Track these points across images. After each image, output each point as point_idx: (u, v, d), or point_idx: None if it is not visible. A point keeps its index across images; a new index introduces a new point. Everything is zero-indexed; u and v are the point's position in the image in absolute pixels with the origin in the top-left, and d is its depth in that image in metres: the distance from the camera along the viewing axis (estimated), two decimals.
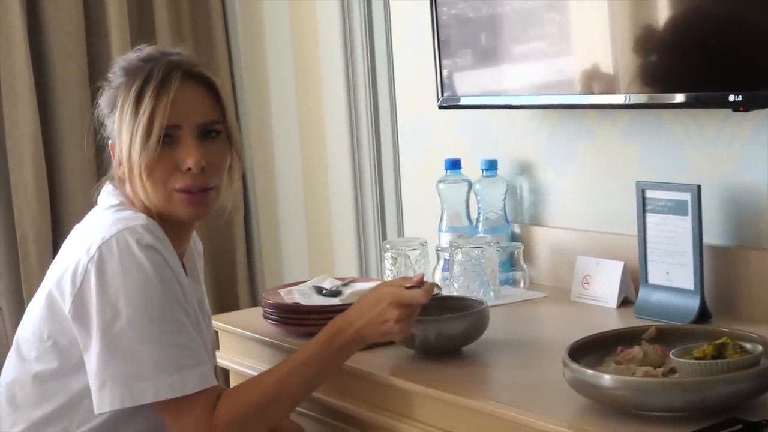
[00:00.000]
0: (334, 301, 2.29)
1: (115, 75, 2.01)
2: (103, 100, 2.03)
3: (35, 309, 1.97)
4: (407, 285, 1.94)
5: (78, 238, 1.97)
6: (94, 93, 3.38)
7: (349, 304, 2.23)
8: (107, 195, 2.04)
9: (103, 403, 1.85)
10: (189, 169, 1.95)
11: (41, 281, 3.25)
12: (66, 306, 1.88)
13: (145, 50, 2.03)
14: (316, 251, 3.41)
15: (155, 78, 1.95)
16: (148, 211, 1.96)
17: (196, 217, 2.01)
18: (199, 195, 1.98)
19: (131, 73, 1.98)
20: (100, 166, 3.45)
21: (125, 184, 1.99)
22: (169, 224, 1.97)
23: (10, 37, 3.28)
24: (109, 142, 2.04)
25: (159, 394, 1.83)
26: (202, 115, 1.98)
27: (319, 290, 2.36)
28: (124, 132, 1.95)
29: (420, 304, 1.93)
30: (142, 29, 3.56)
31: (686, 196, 2.14)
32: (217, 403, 1.86)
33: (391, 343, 2.05)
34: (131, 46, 3.42)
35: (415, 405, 1.92)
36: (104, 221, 1.93)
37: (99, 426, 1.92)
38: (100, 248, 1.86)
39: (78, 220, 3.35)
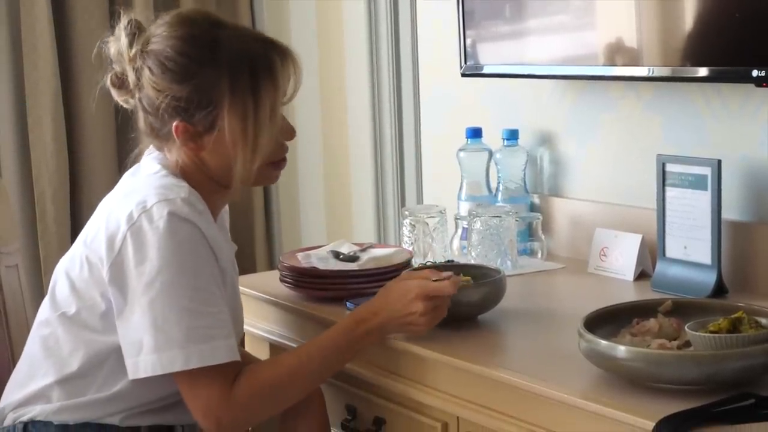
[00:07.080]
0: (351, 266, 2.29)
1: None
2: None
3: (74, 263, 1.95)
4: (434, 278, 1.93)
5: (120, 199, 1.95)
6: None
7: (366, 270, 2.25)
8: (152, 159, 2.00)
9: (137, 369, 1.84)
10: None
11: (57, 239, 3.34)
12: (104, 270, 1.87)
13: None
14: (334, 216, 3.42)
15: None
16: (198, 178, 1.96)
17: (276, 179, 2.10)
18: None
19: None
20: (121, 126, 3.48)
21: (180, 151, 1.96)
22: (215, 190, 1.99)
23: None
24: None
25: (189, 362, 1.81)
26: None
27: (337, 255, 2.36)
28: None
29: (448, 296, 1.92)
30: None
31: (707, 171, 2.14)
32: (236, 380, 1.85)
33: None
34: (154, 12, 3.43)
35: (430, 372, 1.92)
36: (147, 188, 1.91)
37: (117, 392, 1.92)
38: (140, 217, 1.85)
39: (96, 180, 3.42)
